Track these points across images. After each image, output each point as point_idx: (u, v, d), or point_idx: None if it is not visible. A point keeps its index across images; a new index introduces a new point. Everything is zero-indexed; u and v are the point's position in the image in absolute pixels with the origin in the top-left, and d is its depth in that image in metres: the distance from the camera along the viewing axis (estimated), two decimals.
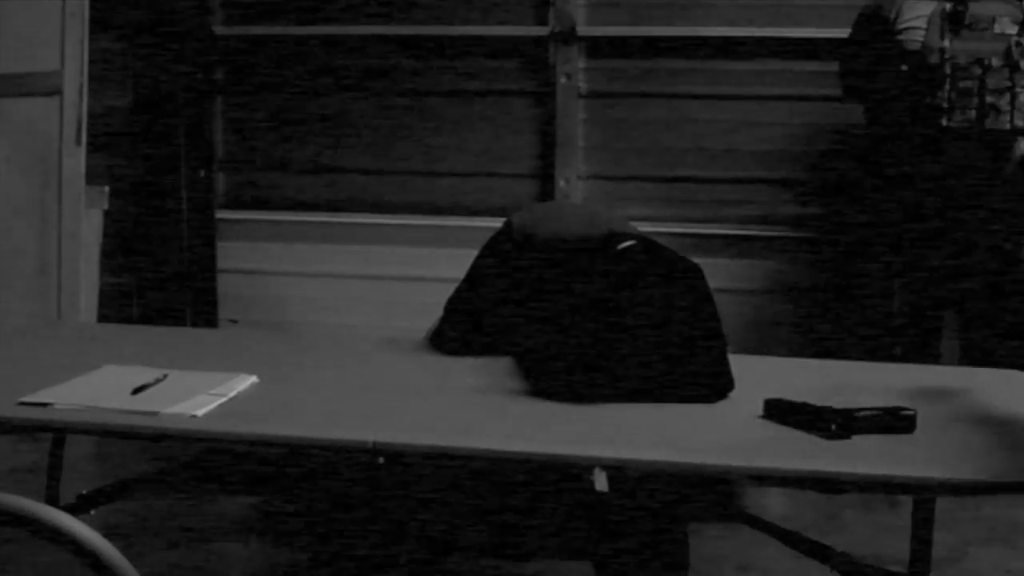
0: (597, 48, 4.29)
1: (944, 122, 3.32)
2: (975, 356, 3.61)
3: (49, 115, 4.18)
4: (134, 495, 3.17)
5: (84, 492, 2.91)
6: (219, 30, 4.46)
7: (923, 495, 2.51)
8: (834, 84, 3.76)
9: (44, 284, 4.20)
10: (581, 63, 4.30)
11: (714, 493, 3.18)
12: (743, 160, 4.24)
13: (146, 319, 4.42)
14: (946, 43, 3.33)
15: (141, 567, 1.43)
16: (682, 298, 2.30)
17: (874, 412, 2.10)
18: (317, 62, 4.43)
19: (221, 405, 2.19)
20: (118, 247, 4.47)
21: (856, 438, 2.05)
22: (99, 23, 4.28)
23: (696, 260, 2.41)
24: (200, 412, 2.14)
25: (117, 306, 4.46)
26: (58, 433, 2.79)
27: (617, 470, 1.99)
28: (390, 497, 3.12)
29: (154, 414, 2.12)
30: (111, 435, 2.26)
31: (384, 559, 3.02)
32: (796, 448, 2.03)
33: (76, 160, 4.18)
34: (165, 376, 2.32)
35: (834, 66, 3.72)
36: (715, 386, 2.28)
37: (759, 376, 2.37)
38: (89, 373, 2.35)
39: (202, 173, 4.46)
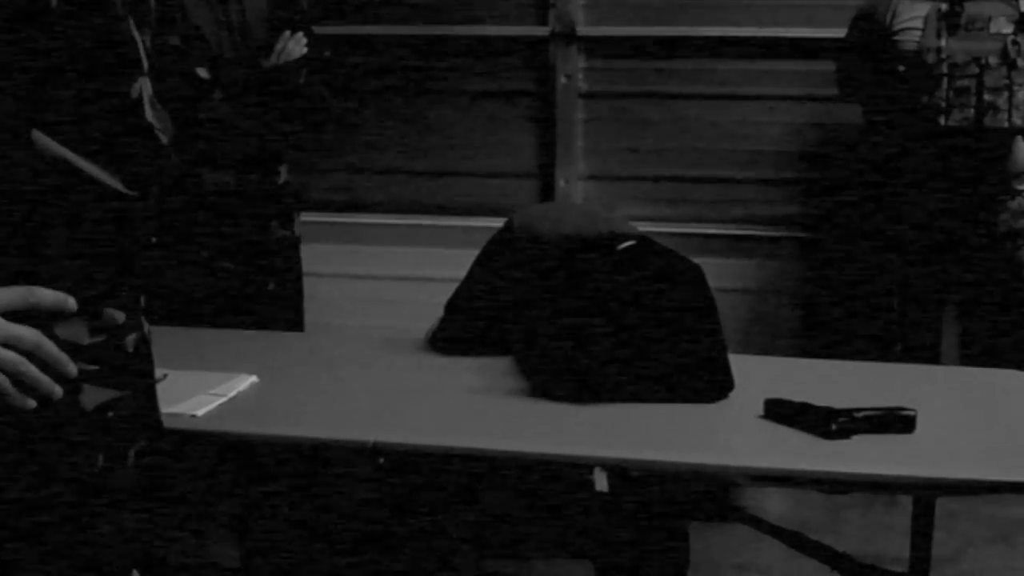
0: (597, 48, 4.29)
1: (942, 121, 3.32)
2: (975, 355, 3.61)
3: None
4: None
5: None
6: None
7: (923, 495, 2.51)
8: (833, 84, 3.76)
9: None
10: (581, 63, 4.29)
11: (714, 493, 3.18)
12: (743, 160, 4.23)
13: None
14: (942, 43, 3.33)
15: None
16: (682, 298, 2.30)
17: (874, 412, 2.10)
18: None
19: (221, 405, 2.19)
20: None
21: (856, 438, 2.05)
22: None
23: (696, 260, 2.41)
24: (200, 412, 2.14)
25: None
26: None
27: (617, 470, 1.99)
28: (388, 497, 3.12)
29: None
30: None
31: (382, 559, 3.02)
32: (796, 448, 2.03)
33: None
34: (165, 376, 2.31)
35: (833, 66, 3.72)
36: (715, 386, 2.28)
37: (759, 376, 2.37)
38: None
39: None
